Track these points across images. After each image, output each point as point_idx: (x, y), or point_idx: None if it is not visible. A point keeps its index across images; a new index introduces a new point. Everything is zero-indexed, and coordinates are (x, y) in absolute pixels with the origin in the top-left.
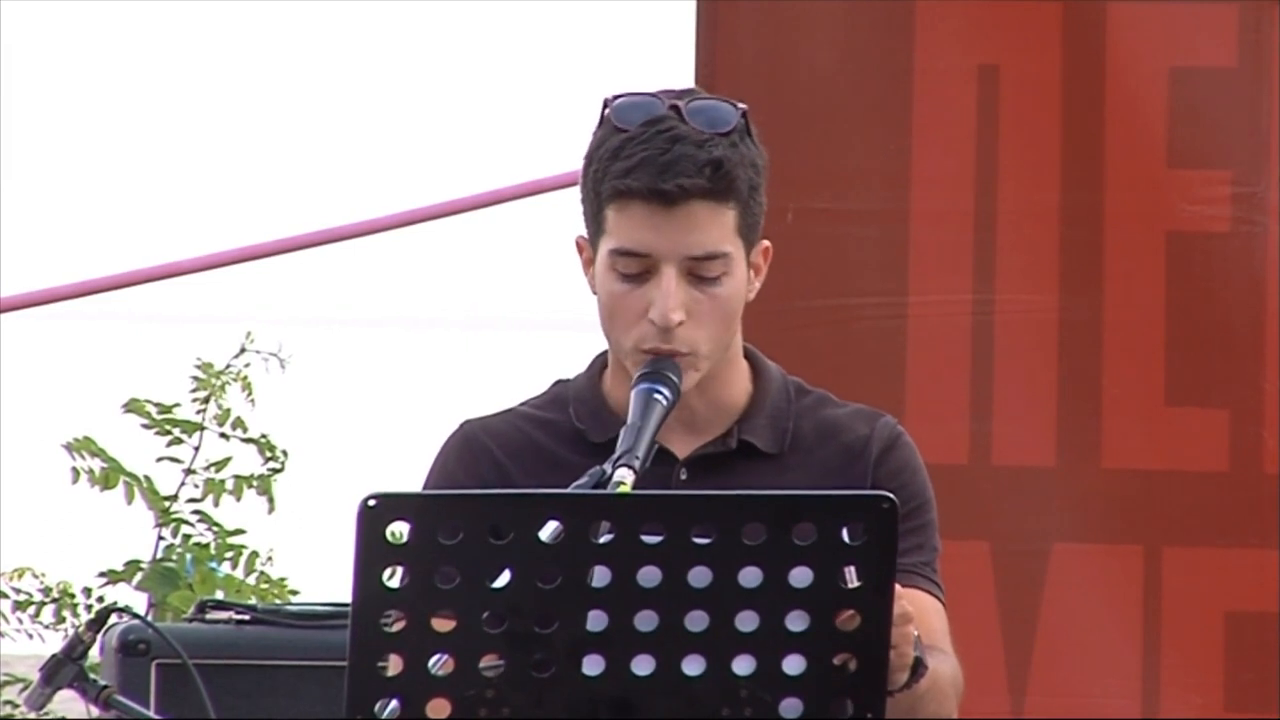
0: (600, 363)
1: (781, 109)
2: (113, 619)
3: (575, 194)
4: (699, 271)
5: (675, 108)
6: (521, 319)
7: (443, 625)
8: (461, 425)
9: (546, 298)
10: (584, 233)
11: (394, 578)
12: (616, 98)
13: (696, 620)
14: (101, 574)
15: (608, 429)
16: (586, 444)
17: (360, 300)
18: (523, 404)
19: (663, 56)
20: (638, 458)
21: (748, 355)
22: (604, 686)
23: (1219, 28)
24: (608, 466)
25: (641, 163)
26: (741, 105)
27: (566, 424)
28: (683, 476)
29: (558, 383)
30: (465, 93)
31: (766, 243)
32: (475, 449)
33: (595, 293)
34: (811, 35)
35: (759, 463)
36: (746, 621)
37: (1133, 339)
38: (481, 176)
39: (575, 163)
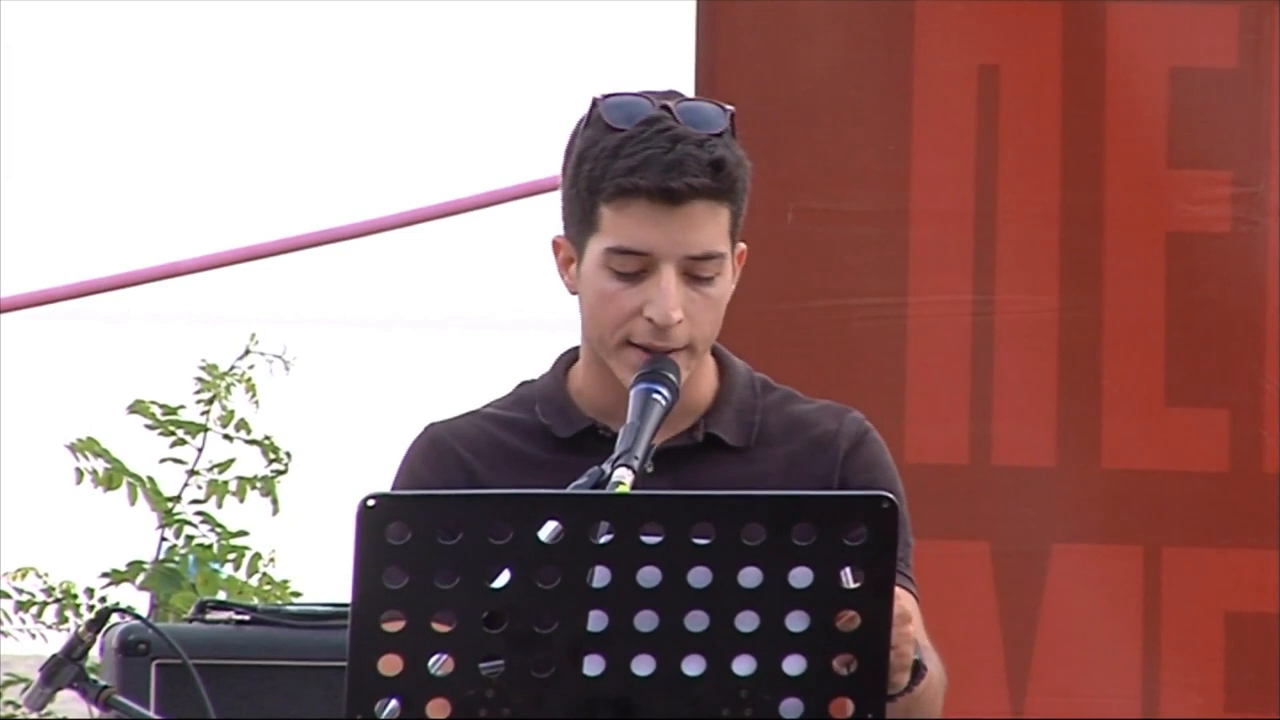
0: (566, 360)
1: (781, 109)
2: (113, 619)
3: None
4: (695, 271)
5: (666, 108)
6: (525, 319)
7: (442, 625)
8: (426, 428)
9: (550, 297)
10: (561, 233)
11: (394, 578)
12: (605, 97)
13: (696, 620)
14: (104, 574)
15: (573, 424)
16: (552, 439)
17: (364, 301)
18: (487, 405)
19: (663, 56)
20: (637, 457)
21: (713, 351)
22: (604, 686)
23: (1219, 28)
24: (607, 466)
25: (646, 161)
26: (729, 107)
27: (531, 422)
28: (649, 470)
29: (522, 384)
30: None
31: (743, 245)
32: (441, 450)
33: (574, 292)
34: (811, 35)
35: (725, 456)
36: (746, 622)
37: (1133, 339)
38: (485, 176)
39: None
